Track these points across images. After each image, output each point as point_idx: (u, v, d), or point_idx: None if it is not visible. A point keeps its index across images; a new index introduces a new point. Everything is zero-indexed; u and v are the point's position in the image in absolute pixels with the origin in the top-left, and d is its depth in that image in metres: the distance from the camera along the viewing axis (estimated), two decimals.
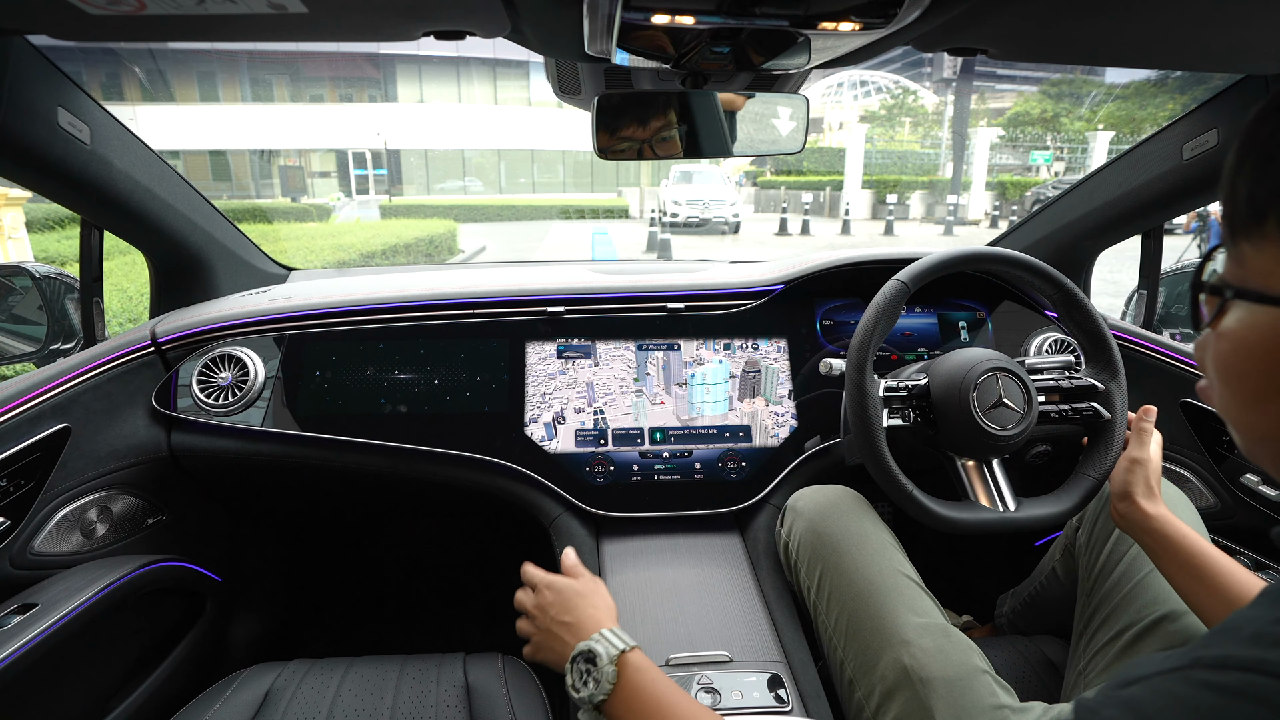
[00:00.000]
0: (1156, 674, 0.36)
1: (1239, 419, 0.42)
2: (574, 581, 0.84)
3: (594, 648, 0.72)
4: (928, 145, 29.32)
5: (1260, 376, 0.38)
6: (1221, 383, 0.42)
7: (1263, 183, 0.37)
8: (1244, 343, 0.39)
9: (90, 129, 1.05)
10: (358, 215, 17.35)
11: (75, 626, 0.91)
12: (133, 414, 1.20)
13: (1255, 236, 0.37)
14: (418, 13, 0.69)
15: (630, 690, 0.69)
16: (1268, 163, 0.36)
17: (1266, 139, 0.37)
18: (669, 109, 0.99)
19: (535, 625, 0.83)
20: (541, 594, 0.83)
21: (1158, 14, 0.74)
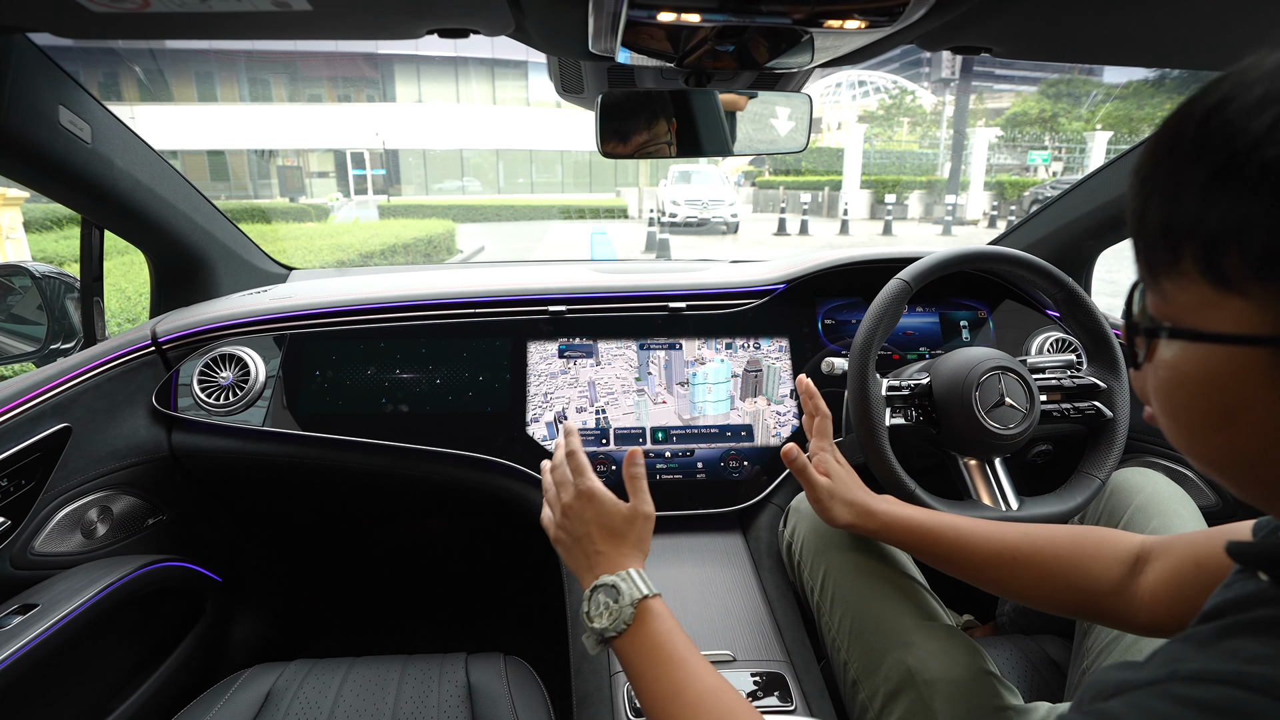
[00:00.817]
0: (1134, 688, 0.36)
1: (1189, 449, 0.41)
2: (619, 511, 0.77)
3: (619, 584, 0.70)
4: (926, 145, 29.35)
5: (1204, 409, 0.38)
6: (1166, 415, 0.41)
7: (1174, 219, 0.36)
8: (1184, 375, 0.38)
9: (91, 128, 1.05)
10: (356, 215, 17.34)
11: (76, 627, 0.91)
12: (133, 414, 1.20)
13: (1174, 275, 0.37)
14: (423, 10, 0.69)
15: (644, 634, 0.67)
16: (1175, 200, 0.35)
17: (1167, 181, 0.36)
18: (672, 108, 0.99)
19: (565, 527, 0.78)
20: (584, 504, 0.76)
21: (1160, 12, 0.74)
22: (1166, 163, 0.36)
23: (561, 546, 0.78)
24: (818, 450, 0.96)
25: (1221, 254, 0.33)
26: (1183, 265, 0.36)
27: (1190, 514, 0.98)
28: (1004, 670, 1.00)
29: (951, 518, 0.84)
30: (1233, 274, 0.33)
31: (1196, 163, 0.34)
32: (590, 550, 0.75)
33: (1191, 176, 0.34)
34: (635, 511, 0.77)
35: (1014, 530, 0.80)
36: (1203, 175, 0.34)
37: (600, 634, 0.68)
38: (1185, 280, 0.36)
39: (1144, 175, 0.38)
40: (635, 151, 1.01)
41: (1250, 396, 0.35)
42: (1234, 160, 0.33)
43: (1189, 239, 0.35)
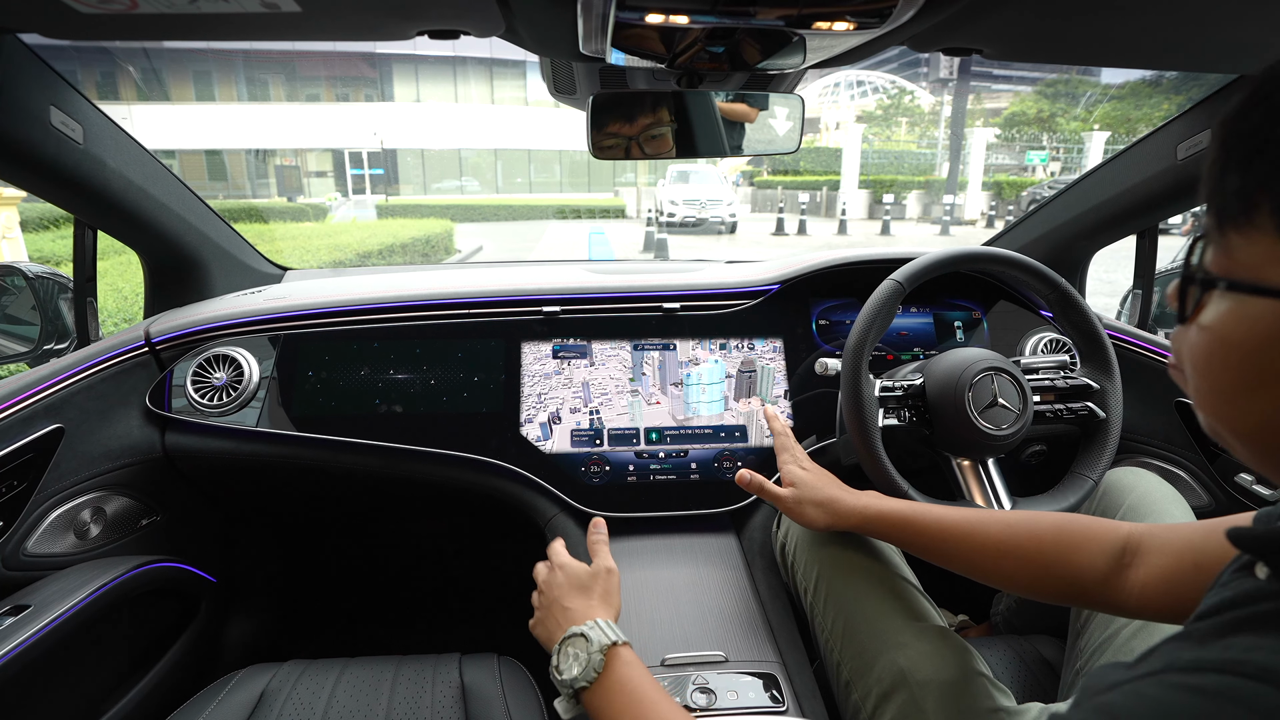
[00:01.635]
0: (1130, 680, 0.36)
1: (1219, 412, 0.41)
2: (584, 568, 0.83)
3: (587, 632, 0.72)
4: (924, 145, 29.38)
5: (1243, 370, 0.37)
6: (1200, 375, 0.41)
7: (1253, 174, 0.35)
8: (1228, 336, 0.38)
9: (83, 128, 1.05)
10: (354, 215, 17.32)
11: (69, 628, 0.90)
12: (127, 414, 1.19)
13: (1246, 228, 0.36)
14: (412, 12, 0.69)
15: (614, 681, 0.68)
16: (1256, 155, 0.35)
17: (1252, 131, 0.35)
18: (664, 108, 0.99)
19: (540, 604, 0.82)
20: (553, 572, 0.83)
21: (1152, 13, 0.74)
22: (1255, 115, 0.36)
23: (539, 627, 0.81)
24: (782, 465, 0.98)
25: None
26: (1256, 219, 0.35)
27: (1182, 514, 0.98)
28: (997, 671, 1.01)
29: (934, 509, 0.84)
30: None
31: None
32: (559, 611, 0.77)
33: (1276, 134, 0.34)
34: (598, 567, 0.83)
35: (996, 521, 0.80)
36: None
37: (571, 685, 0.69)
38: (1256, 234, 0.35)
39: (1230, 127, 0.37)
40: (626, 153, 1.01)
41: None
42: None
43: (1268, 192, 0.34)
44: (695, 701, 0.86)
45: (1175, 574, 0.66)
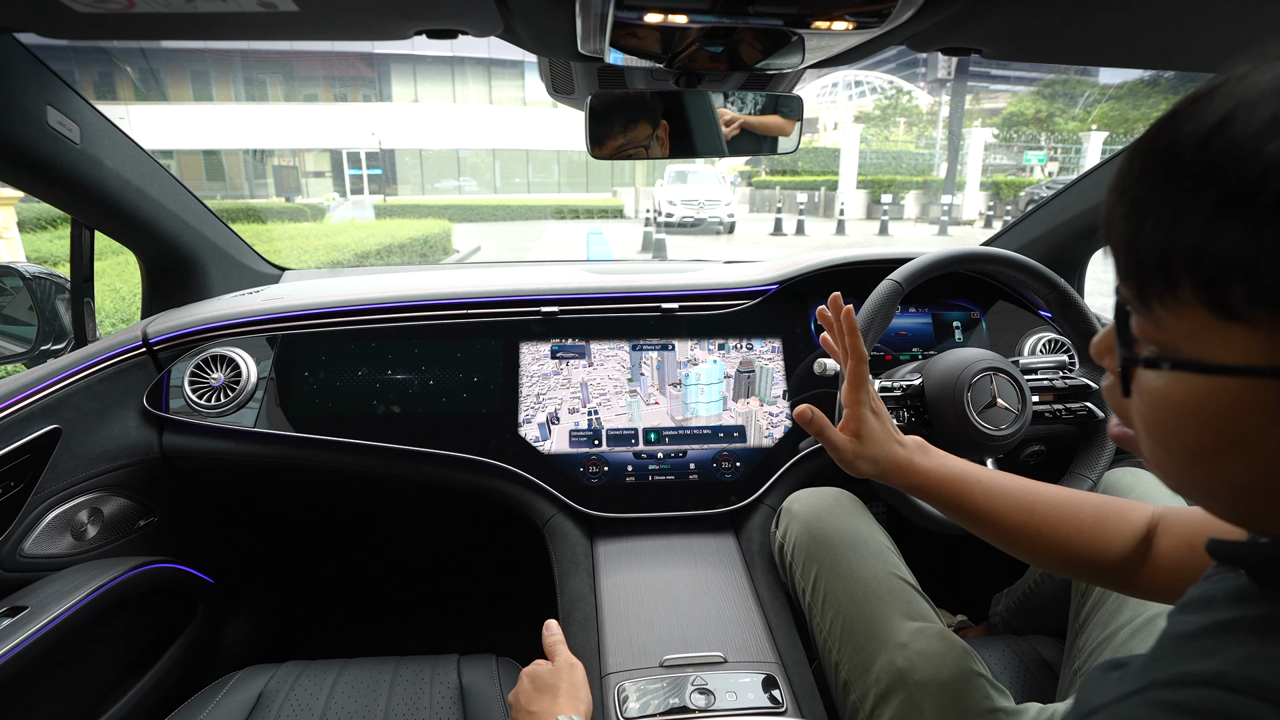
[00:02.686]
0: (1115, 700, 0.36)
1: (1173, 473, 0.40)
2: (547, 668, 0.80)
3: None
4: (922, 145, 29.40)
5: (1197, 435, 0.36)
6: (1152, 440, 0.40)
7: (1172, 246, 0.33)
8: (1177, 404, 0.36)
9: (80, 128, 1.05)
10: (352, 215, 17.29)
11: (66, 629, 0.90)
12: (124, 415, 1.19)
13: (1170, 301, 0.34)
14: (410, 11, 0.69)
15: None
16: (1171, 227, 0.33)
17: (1165, 199, 0.33)
18: (662, 108, 0.99)
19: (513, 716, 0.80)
20: (520, 682, 0.80)
21: (1151, 13, 0.74)
22: (1162, 187, 0.34)
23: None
24: (852, 405, 0.84)
25: (1227, 285, 0.31)
26: (1180, 294, 0.33)
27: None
28: (996, 671, 1.00)
29: (983, 475, 0.80)
30: (1238, 304, 0.31)
31: (1199, 190, 0.32)
32: (526, 716, 0.75)
33: (1191, 203, 0.32)
34: (560, 664, 0.80)
35: (1041, 496, 0.77)
36: (1206, 203, 0.31)
37: None
38: (1183, 308, 0.34)
39: (1133, 196, 0.35)
40: (625, 153, 1.01)
41: (1253, 428, 0.33)
42: (1243, 188, 0.30)
43: (1189, 268, 0.33)
44: (694, 702, 0.86)
45: (1176, 556, 0.67)
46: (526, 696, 0.77)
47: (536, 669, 0.80)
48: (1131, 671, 0.38)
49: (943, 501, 0.81)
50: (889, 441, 0.83)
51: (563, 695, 0.76)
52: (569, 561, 1.13)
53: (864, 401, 0.84)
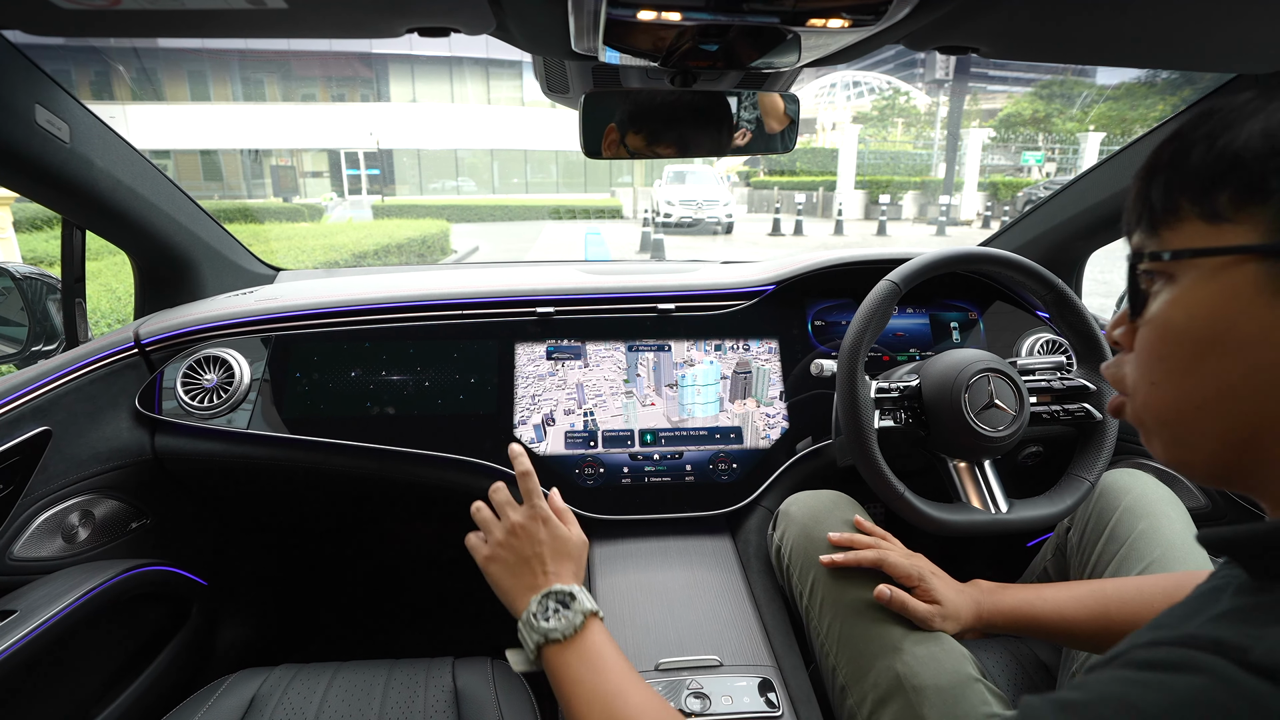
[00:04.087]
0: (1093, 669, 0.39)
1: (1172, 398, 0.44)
2: (574, 538, 0.81)
3: (576, 593, 0.73)
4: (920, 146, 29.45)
5: (1190, 342, 0.42)
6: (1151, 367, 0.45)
7: (1174, 181, 0.43)
8: (1171, 320, 0.43)
9: (69, 127, 1.04)
10: (350, 215, 17.29)
11: (56, 633, 0.89)
12: (116, 416, 1.18)
13: (1172, 222, 0.43)
14: (401, 9, 0.68)
15: (590, 642, 0.70)
16: (1172, 167, 0.43)
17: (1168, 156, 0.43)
18: (658, 107, 0.99)
19: (511, 545, 0.80)
20: (539, 525, 0.80)
21: (1148, 12, 0.74)
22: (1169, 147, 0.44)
23: (500, 565, 0.79)
24: (928, 591, 0.88)
25: (1216, 193, 0.40)
26: (1181, 212, 0.42)
27: (1179, 515, 0.97)
28: (994, 673, 1.00)
29: (1049, 594, 0.85)
30: (1223, 207, 0.40)
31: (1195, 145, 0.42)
32: (540, 568, 0.77)
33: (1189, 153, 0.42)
34: (583, 539, 0.82)
35: (1111, 595, 0.81)
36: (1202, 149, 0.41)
37: (545, 635, 0.70)
38: (1182, 224, 0.42)
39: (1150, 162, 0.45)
40: (620, 152, 1.00)
41: (1240, 310, 0.39)
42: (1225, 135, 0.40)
43: (1183, 190, 0.42)
44: (689, 706, 0.85)
45: None
46: (547, 546, 0.78)
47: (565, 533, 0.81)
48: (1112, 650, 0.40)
49: (1020, 629, 0.87)
50: (959, 597, 0.90)
51: (577, 568, 0.79)
52: None
53: (924, 576, 0.90)
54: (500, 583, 0.79)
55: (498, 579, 0.79)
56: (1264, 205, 0.38)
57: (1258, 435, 0.40)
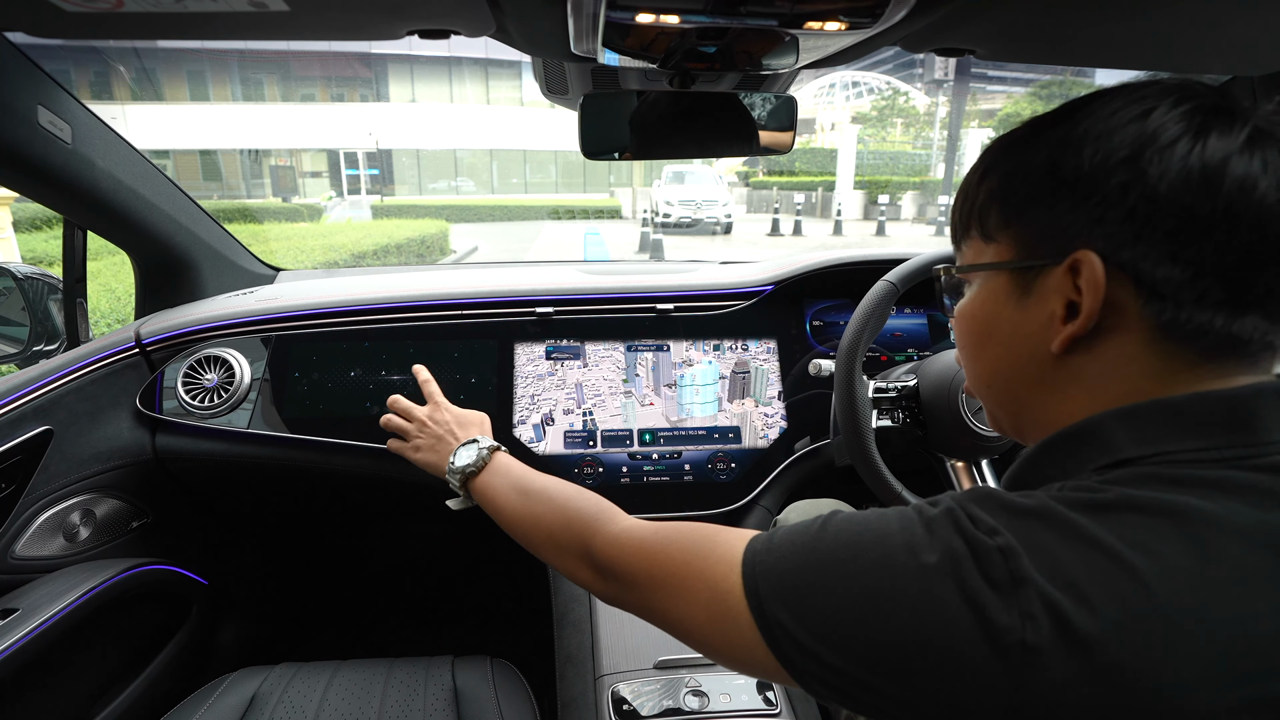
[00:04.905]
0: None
1: (972, 372, 0.57)
2: (472, 412, 0.96)
3: (479, 439, 0.86)
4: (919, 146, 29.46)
5: (977, 332, 0.54)
6: (961, 353, 0.57)
7: (967, 206, 0.53)
8: (966, 314, 0.55)
9: (71, 128, 1.04)
10: (349, 215, 17.28)
11: (57, 632, 0.90)
12: (117, 416, 1.19)
13: (965, 238, 0.54)
14: (401, 11, 0.68)
15: (497, 464, 0.82)
16: (964, 196, 0.53)
17: (963, 188, 0.54)
18: (656, 109, 0.99)
19: (427, 432, 0.92)
20: (442, 412, 0.93)
21: (1144, 15, 0.74)
22: (971, 176, 0.53)
23: (423, 451, 0.91)
24: None
25: (986, 215, 0.51)
26: (970, 234, 0.53)
27: None
28: None
29: None
30: (992, 229, 0.51)
31: (984, 172, 0.52)
32: (451, 436, 0.89)
33: (979, 180, 0.52)
34: (483, 415, 0.96)
35: None
36: (979, 176, 0.52)
37: (462, 471, 0.82)
38: (970, 239, 0.53)
39: (962, 186, 0.54)
40: (618, 153, 1.01)
41: (997, 312, 0.51)
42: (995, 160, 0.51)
43: (969, 218, 0.53)
44: (688, 704, 0.85)
45: None
46: (451, 424, 0.91)
47: (463, 410, 0.96)
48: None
49: None
50: None
51: (481, 431, 0.92)
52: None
53: None
54: (428, 463, 0.90)
55: (425, 460, 0.90)
56: (1009, 230, 0.49)
57: (1019, 402, 0.52)
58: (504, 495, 0.78)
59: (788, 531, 0.49)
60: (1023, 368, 0.50)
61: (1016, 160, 0.49)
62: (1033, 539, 0.40)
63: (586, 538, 0.66)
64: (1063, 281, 0.46)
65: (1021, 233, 0.48)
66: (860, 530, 0.45)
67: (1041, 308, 0.48)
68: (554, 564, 0.71)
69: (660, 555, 0.58)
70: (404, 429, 0.95)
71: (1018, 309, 0.49)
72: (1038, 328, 0.48)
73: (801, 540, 0.47)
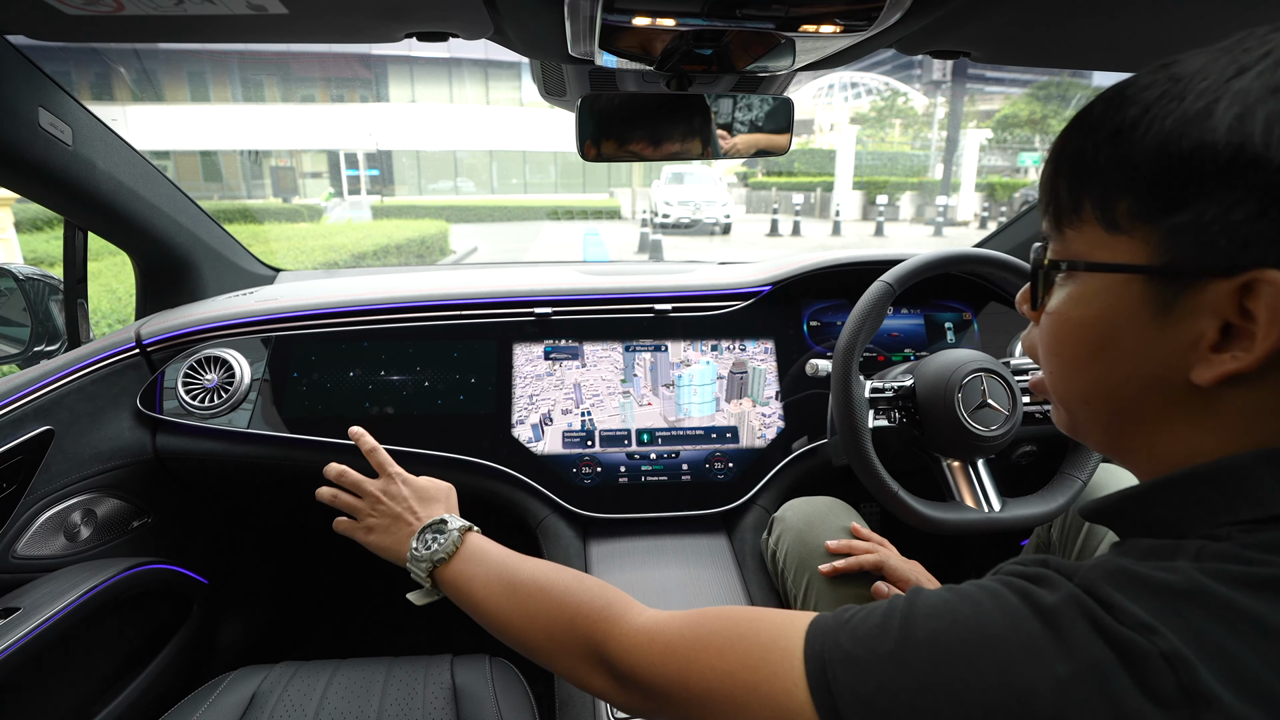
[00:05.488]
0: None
1: (1066, 385, 0.46)
2: (431, 481, 0.85)
3: (447, 521, 0.76)
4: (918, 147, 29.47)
5: (1083, 340, 0.43)
6: (1051, 355, 0.47)
7: (1079, 179, 0.42)
8: (1069, 316, 0.44)
9: (72, 129, 1.04)
10: (349, 216, 17.29)
11: (58, 631, 0.90)
12: (117, 416, 1.19)
13: (1075, 222, 0.42)
14: (399, 14, 0.69)
15: (470, 548, 0.72)
16: (1078, 164, 0.42)
17: (1076, 149, 0.42)
18: (652, 110, 0.99)
19: (382, 510, 0.81)
20: (399, 486, 0.82)
21: (1137, 17, 0.75)
22: (1074, 138, 0.42)
23: (377, 532, 0.81)
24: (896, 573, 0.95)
25: (1114, 202, 0.39)
26: (1083, 214, 0.42)
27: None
28: None
29: None
30: (1121, 218, 0.39)
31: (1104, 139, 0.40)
32: (411, 517, 0.79)
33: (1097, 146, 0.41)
34: (447, 485, 0.85)
35: None
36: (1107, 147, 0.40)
37: (430, 559, 0.72)
38: (1084, 226, 0.42)
39: (1057, 149, 0.44)
40: (615, 154, 1.01)
41: (1125, 321, 0.40)
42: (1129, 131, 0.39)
43: (1088, 191, 0.41)
44: None
45: None
46: (409, 500, 0.80)
47: (422, 481, 0.84)
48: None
49: None
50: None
51: (443, 506, 0.82)
52: (562, 562, 1.13)
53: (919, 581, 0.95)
54: (384, 547, 0.80)
55: (380, 545, 0.81)
56: (1154, 225, 0.38)
57: (1129, 430, 0.44)
58: (483, 588, 0.67)
59: (859, 635, 0.40)
60: (1144, 391, 0.41)
61: (1182, 126, 0.36)
62: (1200, 637, 0.31)
63: (598, 638, 0.56)
64: (1225, 301, 0.36)
65: (1175, 231, 0.37)
66: (958, 629, 0.37)
67: (1186, 328, 0.38)
68: (555, 668, 0.60)
69: (697, 662, 0.47)
70: (353, 507, 0.84)
71: (1151, 324, 0.39)
72: (1176, 351, 0.38)
73: (885, 648, 0.38)
